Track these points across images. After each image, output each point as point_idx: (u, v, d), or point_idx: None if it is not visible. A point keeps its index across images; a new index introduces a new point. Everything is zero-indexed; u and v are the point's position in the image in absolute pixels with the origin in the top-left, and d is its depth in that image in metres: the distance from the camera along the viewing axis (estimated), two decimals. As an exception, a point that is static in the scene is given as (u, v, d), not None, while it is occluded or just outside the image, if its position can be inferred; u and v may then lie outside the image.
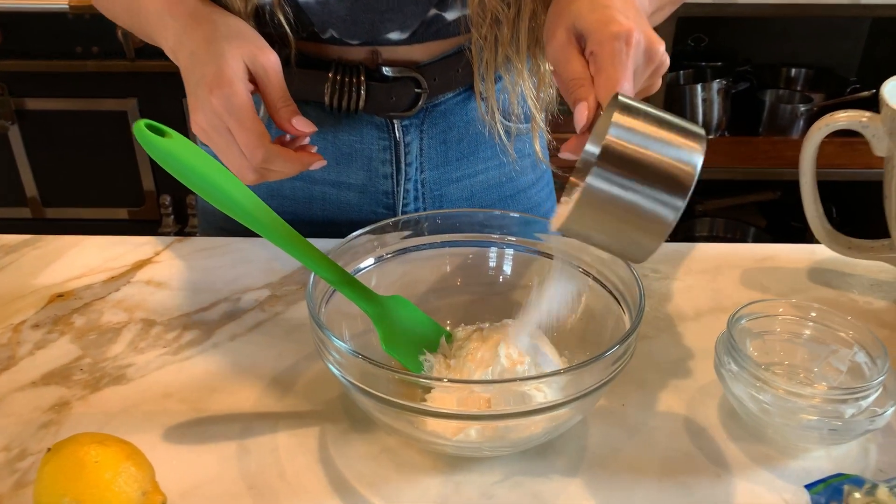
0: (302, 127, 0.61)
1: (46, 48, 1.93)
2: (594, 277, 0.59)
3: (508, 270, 0.64)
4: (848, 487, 0.48)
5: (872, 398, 0.51)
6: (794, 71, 2.00)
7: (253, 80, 0.60)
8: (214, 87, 0.57)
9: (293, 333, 0.66)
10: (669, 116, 0.45)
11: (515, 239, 0.63)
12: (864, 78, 1.94)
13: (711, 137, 1.82)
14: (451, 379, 0.54)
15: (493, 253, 0.63)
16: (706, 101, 1.81)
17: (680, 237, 1.88)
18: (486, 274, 0.64)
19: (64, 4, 1.80)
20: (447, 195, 0.80)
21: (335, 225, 0.78)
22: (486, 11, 0.65)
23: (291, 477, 0.52)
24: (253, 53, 0.59)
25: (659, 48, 0.52)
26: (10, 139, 2.03)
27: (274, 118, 0.61)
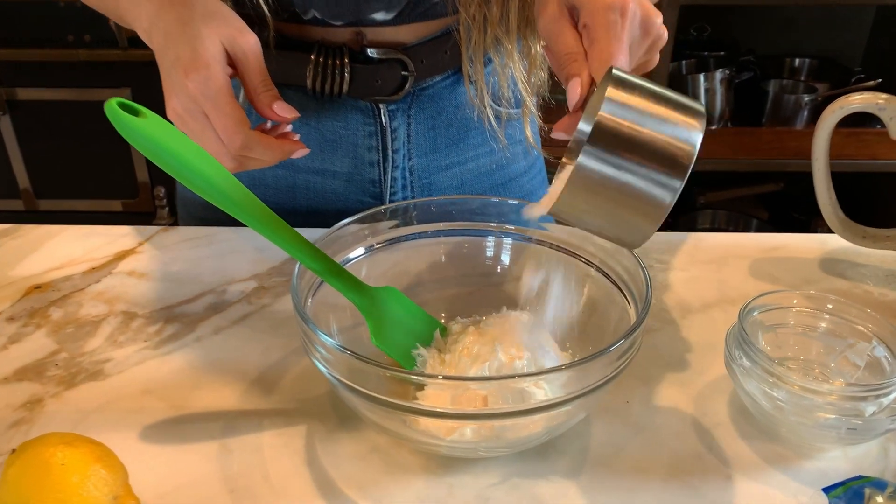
0: (283, 113, 0.58)
1: (38, 36, 1.90)
2: (597, 267, 0.56)
3: (507, 260, 0.60)
4: (869, 491, 0.45)
5: (894, 395, 0.48)
6: (797, 61, 1.98)
7: (231, 63, 0.57)
8: (190, 70, 0.54)
9: (280, 327, 0.63)
10: (667, 91, 0.42)
11: (514, 227, 0.59)
12: (868, 68, 1.92)
13: (714, 128, 1.80)
14: (444, 376, 0.51)
15: (490, 242, 0.60)
16: (709, 91, 1.79)
17: (681, 230, 1.85)
18: (482, 264, 0.61)
19: (54, -8, 1.77)
20: (436, 183, 0.77)
21: (320, 215, 0.75)
22: None
23: (275, 479, 0.49)
24: (231, 35, 0.56)
25: (656, 20, 0.49)
26: (1, 130, 2.00)
27: (254, 103, 0.58)
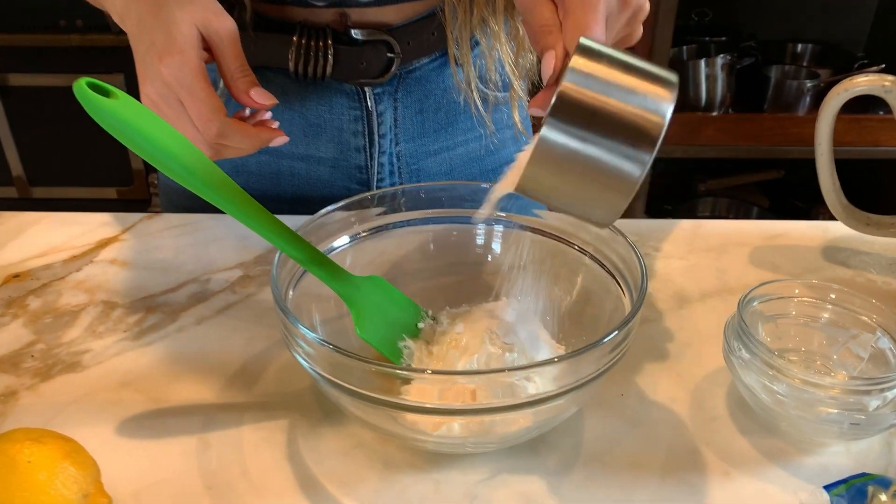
0: (261, 99, 0.56)
1: (29, 21, 1.88)
2: (591, 256, 0.54)
3: (497, 249, 0.58)
4: (873, 489, 0.43)
5: (899, 389, 0.46)
6: (800, 46, 1.96)
7: (207, 48, 0.55)
8: (164, 55, 0.52)
9: (265, 317, 0.61)
10: (638, 61, 0.40)
11: (504, 214, 0.57)
12: (872, 53, 1.89)
13: (715, 114, 1.77)
14: (431, 371, 0.49)
15: (480, 230, 0.58)
16: (710, 77, 1.77)
17: (680, 218, 1.83)
18: (472, 252, 0.59)
19: (45, -25, 1.74)
20: (425, 169, 0.75)
21: (305, 202, 0.73)
22: None
23: (255, 475, 0.47)
24: (207, 19, 0.54)
25: None
26: (-7, 116, 1.98)
27: (230, 89, 0.56)
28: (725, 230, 0.73)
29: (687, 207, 1.98)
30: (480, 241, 0.58)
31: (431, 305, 0.57)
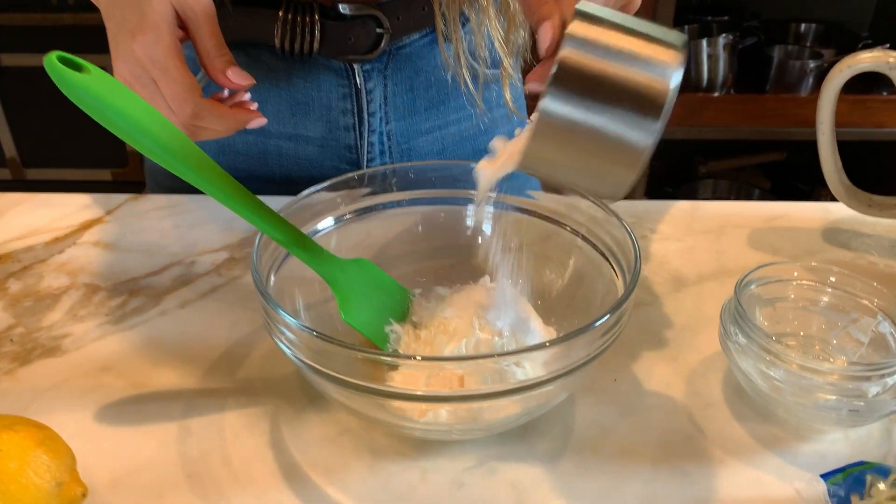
0: (238, 79, 0.54)
1: (20, 0, 1.84)
2: (584, 237, 0.52)
3: (488, 230, 0.57)
4: (871, 477, 0.42)
5: (900, 375, 0.45)
6: (803, 26, 1.93)
7: (182, 25, 0.53)
8: (137, 32, 0.50)
9: (250, 300, 0.59)
10: (640, 24, 0.38)
11: (496, 195, 0.56)
12: (876, 33, 1.87)
13: (716, 95, 1.75)
14: (417, 357, 0.47)
15: (470, 211, 0.57)
16: (711, 57, 1.74)
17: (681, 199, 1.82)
18: (462, 234, 0.57)
19: (34, -48, 1.71)
20: (416, 149, 0.73)
21: (294, 182, 0.71)
22: None
23: (237, 463, 0.46)
24: None
25: None
26: (-15, 97, 1.96)
27: (206, 69, 0.54)
28: (724, 212, 0.72)
29: (687, 189, 1.96)
30: (470, 222, 0.57)
31: (420, 290, 0.55)
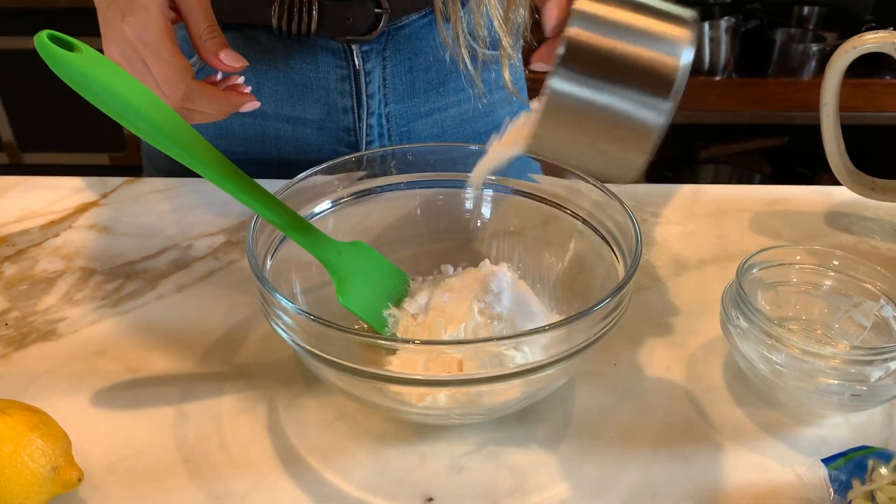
0: (230, 62, 0.53)
1: (15, -19, 1.83)
2: (584, 220, 0.52)
3: (487, 214, 0.56)
4: (873, 462, 0.41)
5: (902, 359, 0.45)
6: (806, 9, 1.91)
7: (174, 6, 0.52)
8: (127, 12, 0.50)
9: (248, 283, 0.59)
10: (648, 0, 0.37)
11: (495, 178, 0.55)
12: (879, 17, 1.85)
13: (718, 79, 1.74)
14: (416, 341, 0.47)
15: (469, 194, 0.56)
16: (713, 39, 1.73)
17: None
18: (461, 218, 0.56)
19: (29, -68, 1.69)
20: (416, 131, 0.72)
21: (291, 166, 0.70)
22: None
23: (234, 447, 0.46)
24: None
25: None
26: (-18, 81, 1.95)
27: (198, 51, 0.53)
28: (725, 195, 0.71)
29: (688, 174, 1.95)
30: (469, 205, 0.56)
31: (418, 273, 0.55)
